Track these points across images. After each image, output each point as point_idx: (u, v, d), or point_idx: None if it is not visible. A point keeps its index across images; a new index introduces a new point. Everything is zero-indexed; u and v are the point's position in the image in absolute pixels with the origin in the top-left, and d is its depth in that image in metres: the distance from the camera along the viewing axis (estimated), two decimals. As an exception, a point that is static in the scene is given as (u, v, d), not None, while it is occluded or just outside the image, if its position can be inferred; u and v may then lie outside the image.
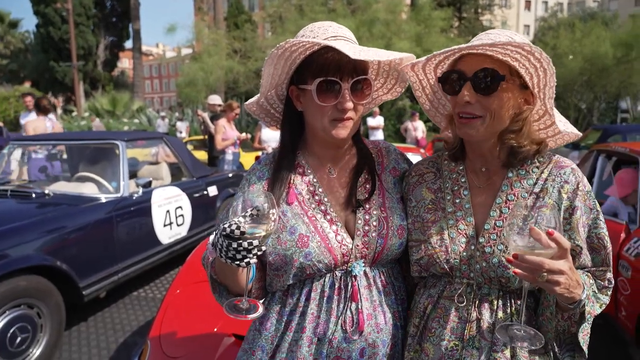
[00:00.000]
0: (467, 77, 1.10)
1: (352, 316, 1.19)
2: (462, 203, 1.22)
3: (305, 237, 1.18)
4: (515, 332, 1.02)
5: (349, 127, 1.19)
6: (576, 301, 1.02)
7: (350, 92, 1.15)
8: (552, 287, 0.95)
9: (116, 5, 38.93)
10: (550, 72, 1.07)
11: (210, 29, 24.16)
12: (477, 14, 32.77)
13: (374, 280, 1.23)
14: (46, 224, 3.44)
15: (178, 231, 4.80)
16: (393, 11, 21.11)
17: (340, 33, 1.20)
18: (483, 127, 1.12)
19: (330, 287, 1.20)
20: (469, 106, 1.11)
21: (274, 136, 6.69)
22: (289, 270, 1.20)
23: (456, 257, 1.17)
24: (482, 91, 1.09)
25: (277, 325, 1.25)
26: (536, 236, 0.91)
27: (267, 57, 1.18)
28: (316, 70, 1.16)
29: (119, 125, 20.98)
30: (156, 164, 5.60)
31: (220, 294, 1.27)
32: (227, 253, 1.01)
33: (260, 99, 1.32)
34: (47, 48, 34.68)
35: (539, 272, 0.92)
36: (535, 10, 57.34)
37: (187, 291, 2.52)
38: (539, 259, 0.92)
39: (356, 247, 1.21)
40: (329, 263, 1.19)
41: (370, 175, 1.29)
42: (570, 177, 1.16)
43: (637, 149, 3.62)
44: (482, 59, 1.09)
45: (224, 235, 1.00)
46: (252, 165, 1.36)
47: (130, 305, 4.35)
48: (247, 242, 0.99)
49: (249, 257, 1.00)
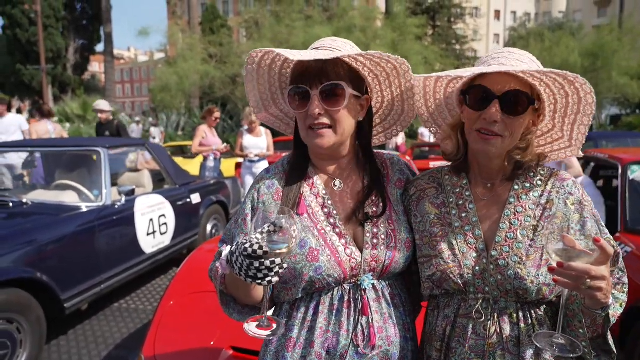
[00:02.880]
0: (496, 96, 1.10)
1: (363, 330, 1.18)
2: (469, 217, 1.22)
3: (316, 250, 1.17)
4: (555, 341, 1.02)
5: (327, 135, 1.17)
6: (606, 306, 1.04)
7: (322, 99, 1.15)
8: (593, 293, 0.96)
9: (87, 8, 38.02)
10: (587, 102, 1.09)
11: (185, 33, 23.89)
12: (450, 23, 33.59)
13: (382, 293, 1.22)
14: (25, 235, 3.30)
15: (161, 240, 4.69)
16: (369, 18, 21.39)
17: (324, 44, 1.23)
18: (501, 145, 1.13)
19: (339, 300, 1.19)
20: (494, 125, 1.11)
21: (255, 143, 6.63)
22: (298, 284, 1.18)
23: (469, 271, 1.17)
24: (510, 112, 1.10)
25: (282, 341, 1.22)
26: (570, 243, 0.93)
27: (244, 72, 1.25)
28: (290, 79, 1.22)
29: (91, 130, 20.39)
30: (137, 171, 5.47)
31: (228, 306, 1.25)
32: (248, 272, 0.99)
33: (262, 112, 1.35)
34: (14, 50, 33.55)
35: (582, 279, 0.93)
36: (504, 20, 58.96)
37: (182, 303, 2.45)
38: (586, 266, 0.92)
39: (365, 260, 1.19)
40: (339, 277, 1.17)
41: (378, 189, 1.28)
42: (573, 190, 1.20)
43: (617, 155, 3.75)
44: (508, 78, 1.10)
45: (245, 255, 0.97)
46: (259, 174, 1.34)
47: (112, 317, 4.21)
48: (270, 260, 0.97)
49: (270, 275, 0.99)
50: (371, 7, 22.61)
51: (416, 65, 17.79)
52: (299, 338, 1.20)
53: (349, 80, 1.17)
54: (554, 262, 0.95)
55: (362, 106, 1.25)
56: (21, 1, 31.40)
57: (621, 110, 24.99)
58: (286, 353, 1.20)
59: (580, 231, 0.95)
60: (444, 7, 33.08)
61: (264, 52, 1.20)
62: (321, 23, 20.21)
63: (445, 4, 33.03)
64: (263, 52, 1.20)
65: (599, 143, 9.18)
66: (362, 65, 1.23)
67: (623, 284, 1.19)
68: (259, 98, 1.32)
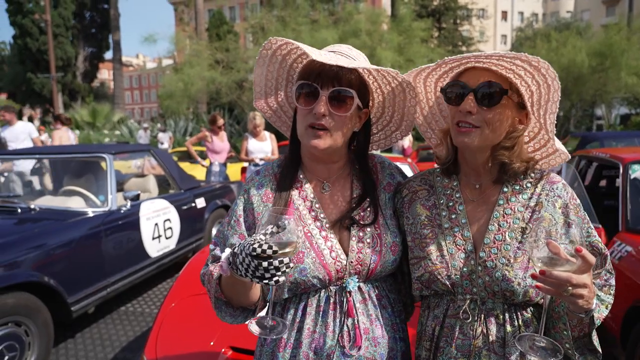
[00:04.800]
0: (471, 88, 1.13)
1: (349, 331, 1.20)
2: (459, 218, 1.23)
3: (301, 253, 1.19)
4: (536, 344, 1.03)
5: (324, 138, 1.20)
6: (589, 310, 1.05)
7: (329, 101, 1.18)
8: (575, 300, 0.98)
9: (95, 16, 38.53)
10: (555, 88, 1.11)
11: (192, 39, 24.09)
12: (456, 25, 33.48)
13: (368, 294, 1.24)
14: (33, 240, 3.37)
15: (167, 244, 4.75)
16: (375, 22, 21.39)
17: (340, 49, 1.26)
18: (479, 137, 1.15)
19: (325, 302, 1.22)
20: (469, 116, 1.14)
21: (260, 147, 6.69)
22: (283, 285, 1.20)
23: (457, 272, 1.18)
24: (484, 103, 1.12)
25: (276, 341, 1.25)
26: (554, 250, 0.94)
27: (257, 56, 1.25)
28: (301, 74, 1.23)
29: (100, 137, 20.66)
30: (143, 177, 5.55)
31: (220, 310, 1.27)
32: (255, 273, 1.00)
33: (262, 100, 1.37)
34: (25, 59, 34.05)
35: (564, 287, 0.95)
36: (511, 21, 58.71)
37: (183, 305, 2.50)
38: (567, 274, 0.94)
39: (350, 263, 1.22)
40: (324, 279, 1.20)
41: (370, 199, 1.29)
42: (562, 192, 1.21)
43: (618, 154, 3.74)
44: (486, 73, 1.13)
45: (254, 256, 0.99)
46: (250, 175, 1.37)
47: (118, 320, 4.28)
48: (278, 260, 0.99)
49: (277, 275, 1.00)
50: (377, 11, 22.59)
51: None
52: (289, 338, 1.23)
53: (357, 90, 1.21)
54: (537, 269, 0.96)
55: (360, 118, 1.28)
56: (31, 11, 31.89)
57: (631, 110, 24.76)
58: (277, 353, 1.23)
59: (565, 234, 0.96)
60: (450, 9, 33.00)
61: (284, 41, 1.20)
62: (327, 27, 20.24)
63: (451, 6, 32.94)
64: (283, 42, 1.21)
65: (605, 143, 9.12)
66: (374, 79, 1.28)
67: (610, 285, 1.20)
68: (264, 85, 1.34)
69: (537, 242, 0.97)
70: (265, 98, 1.38)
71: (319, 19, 21.45)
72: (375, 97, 1.33)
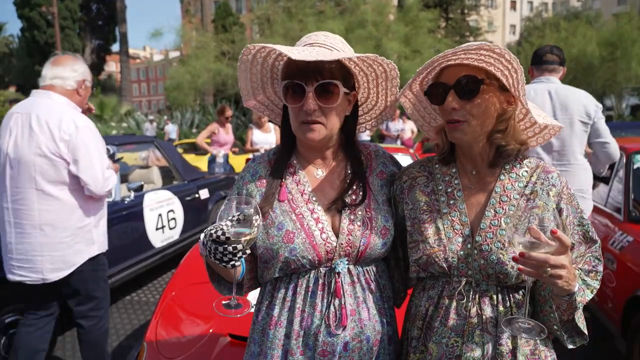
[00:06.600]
0: (450, 86, 1.17)
1: (335, 311, 1.23)
2: (457, 204, 1.27)
3: (292, 233, 1.24)
4: (520, 325, 1.08)
5: (318, 130, 1.23)
6: (572, 293, 1.10)
7: (317, 96, 1.20)
8: (554, 280, 1.03)
9: (102, 9, 38.64)
10: (520, 70, 1.14)
11: (198, 31, 24.09)
12: (463, 15, 33.10)
13: (357, 277, 1.28)
14: (38, 230, 3.41)
15: (170, 234, 4.80)
16: (381, 12, 21.27)
17: (318, 40, 1.28)
18: (469, 129, 1.19)
19: (314, 283, 1.25)
20: (455, 112, 1.18)
21: (264, 138, 6.71)
22: (275, 264, 1.25)
23: (454, 255, 1.23)
24: (464, 96, 1.16)
25: (266, 319, 1.30)
26: (535, 235, 0.99)
27: (238, 63, 1.29)
28: (285, 72, 1.26)
29: (107, 129, 20.78)
30: (147, 168, 5.59)
31: (219, 283, 1.34)
32: (215, 255, 1.09)
33: (251, 100, 1.39)
34: (32, 52, 34.27)
35: (543, 267, 1.00)
36: (520, 10, 58.03)
37: (182, 293, 2.54)
38: (544, 255, 0.99)
39: (340, 245, 1.25)
40: (313, 259, 1.24)
41: (359, 179, 1.33)
42: (556, 182, 1.25)
43: (621, 145, 3.71)
44: (461, 69, 1.17)
45: (212, 240, 1.07)
46: (247, 163, 1.41)
47: (123, 309, 4.34)
48: (232, 246, 1.07)
49: (234, 259, 1.09)
50: (383, 1, 22.42)
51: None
52: (280, 317, 1.27)
53: (341, 78, 1.23)
54: (517, 251, 1.01)
55: (350, 102, 1.31)
56: (38, 4, 32.03)
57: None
58: (269, 330, 1.28)
59: (553, 221, 1.01)
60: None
61: (261, 46, 1.23)
62: (333, 18, 20.15)
63: (458, -4, 32.60)
64: (260, 47, 1.24)
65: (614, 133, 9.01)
66: (355, 64, 1.29)
67: (597, 272, 1.24)
68: (250, 87, 1.37)
69: (517, 225, 1.03)
70: (254, 98, 1.41)
71: (325, 10, 21.35)
72: (359, 79, 1.35)
